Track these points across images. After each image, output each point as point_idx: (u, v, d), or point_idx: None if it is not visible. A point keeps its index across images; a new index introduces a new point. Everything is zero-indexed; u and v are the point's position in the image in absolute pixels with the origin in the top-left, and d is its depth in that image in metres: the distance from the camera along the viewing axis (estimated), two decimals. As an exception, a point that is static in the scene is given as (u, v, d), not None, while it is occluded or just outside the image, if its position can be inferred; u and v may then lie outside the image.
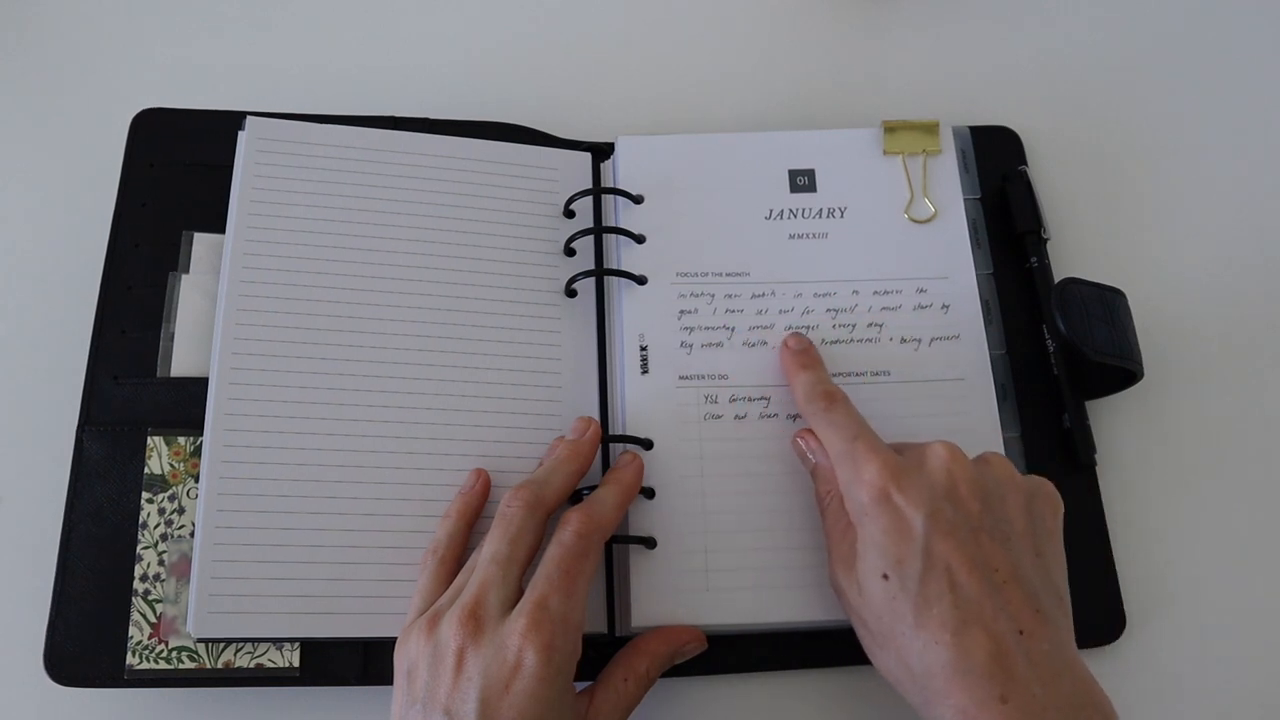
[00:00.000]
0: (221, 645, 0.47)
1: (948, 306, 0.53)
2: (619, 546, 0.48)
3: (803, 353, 0.49)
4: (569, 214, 0.55)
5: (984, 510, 0.41)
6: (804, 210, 0.54)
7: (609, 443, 0.50)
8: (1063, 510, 0.44)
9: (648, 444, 0.49)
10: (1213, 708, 0.49)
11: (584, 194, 0.54)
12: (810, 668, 0.49)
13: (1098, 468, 0.52)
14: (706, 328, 0.52)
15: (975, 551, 0.40)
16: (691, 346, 0.51)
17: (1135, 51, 0.64)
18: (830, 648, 0.48)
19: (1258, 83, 0.63)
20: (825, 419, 0.46)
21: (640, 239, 0.53)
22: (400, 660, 0.42)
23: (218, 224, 0.52)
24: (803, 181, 0.55)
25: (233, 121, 0.54)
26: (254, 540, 0.47)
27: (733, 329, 0.52)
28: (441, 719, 0.39)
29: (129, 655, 0.46)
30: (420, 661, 0.41)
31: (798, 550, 0.48)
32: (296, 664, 0.47)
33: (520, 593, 0.41)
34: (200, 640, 0.46)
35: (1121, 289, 0.53)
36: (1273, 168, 0.61)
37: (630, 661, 0.45)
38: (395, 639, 0.44)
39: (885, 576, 0.40)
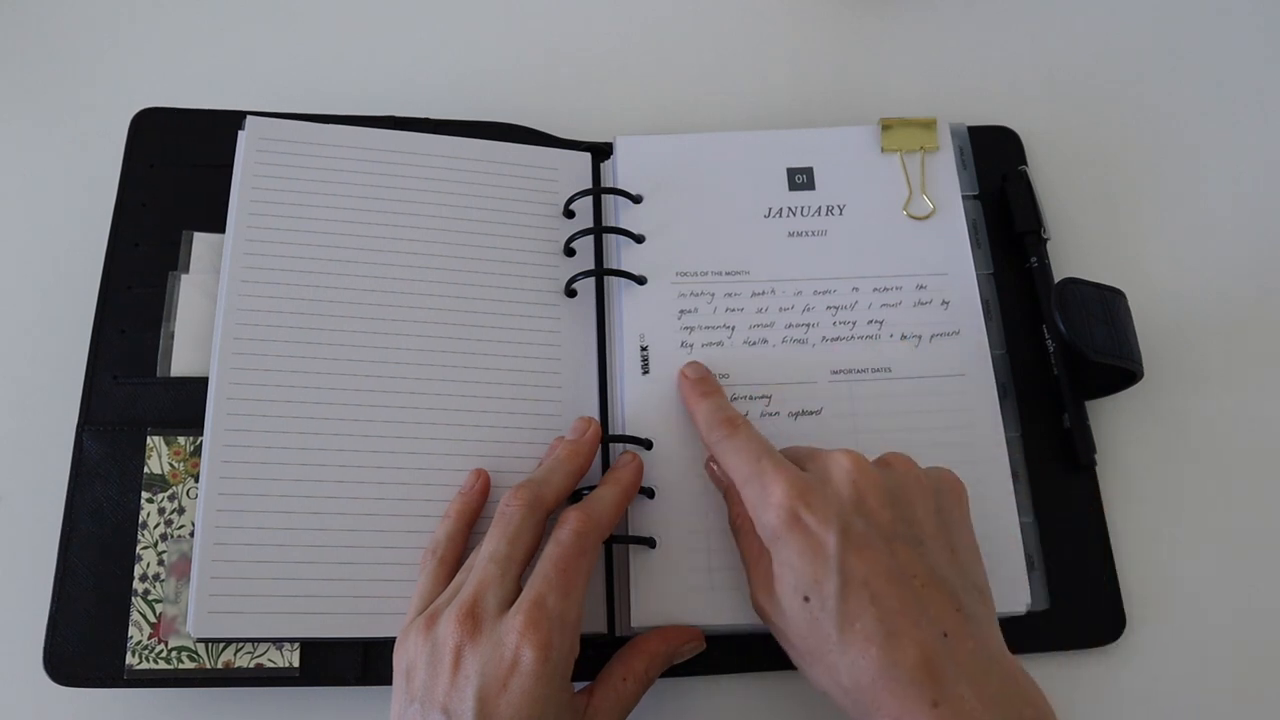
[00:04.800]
0: (221, 645, 0.47)
1: (948, 302, 0.53)
2: (619, 546, 0.48)
3: (701, 381, 0.49)
4: (569, 214, 0.55)
5: (895, 517, 0.41)
6: (803, 208, 0.54)
7: (609, 443, 0.50)
8: (968, 496, 0.44)
9: (648, 444, 0.49)
10: (1213, 708, 0.49)
11: (584, 194, 0.54)
12: (810, 667, 0.49)
13: (1098, 468, 0.52)
14: (707, 327, 0.52)
15: (891, 562, 0.39)
16: (692, 346, 0.51)
17: (1135, 52, 0.64)
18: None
19: (1257, 83, 0.63)
20: (728, 445, 0.45)
21: (640, 239, 0.53)
22: (399, 659, 0.42)
23: (218, 224, 0.52)
24: (801, 180, 0.55)
25: (233, 121, 0.54)
26: (254, 540, 0.47)
27: (733, 328, 0.52)
28: (440, 717, 0.39)
29: (129, 655, 0.46)
30: (419, 660, 0.41)
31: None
32: (296, 664, 0.47)
33: (519, 592, 0.41)
34: (200, 640, 0.46)
35: (1121, 289, 0.53)
36: (1272, 168, 0.61)
37: (629, 661, 0.45)
38: (395, 639, 0.44)
39: (806, 599, 0.40)
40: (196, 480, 0.49)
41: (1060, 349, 0.53)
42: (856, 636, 0.38)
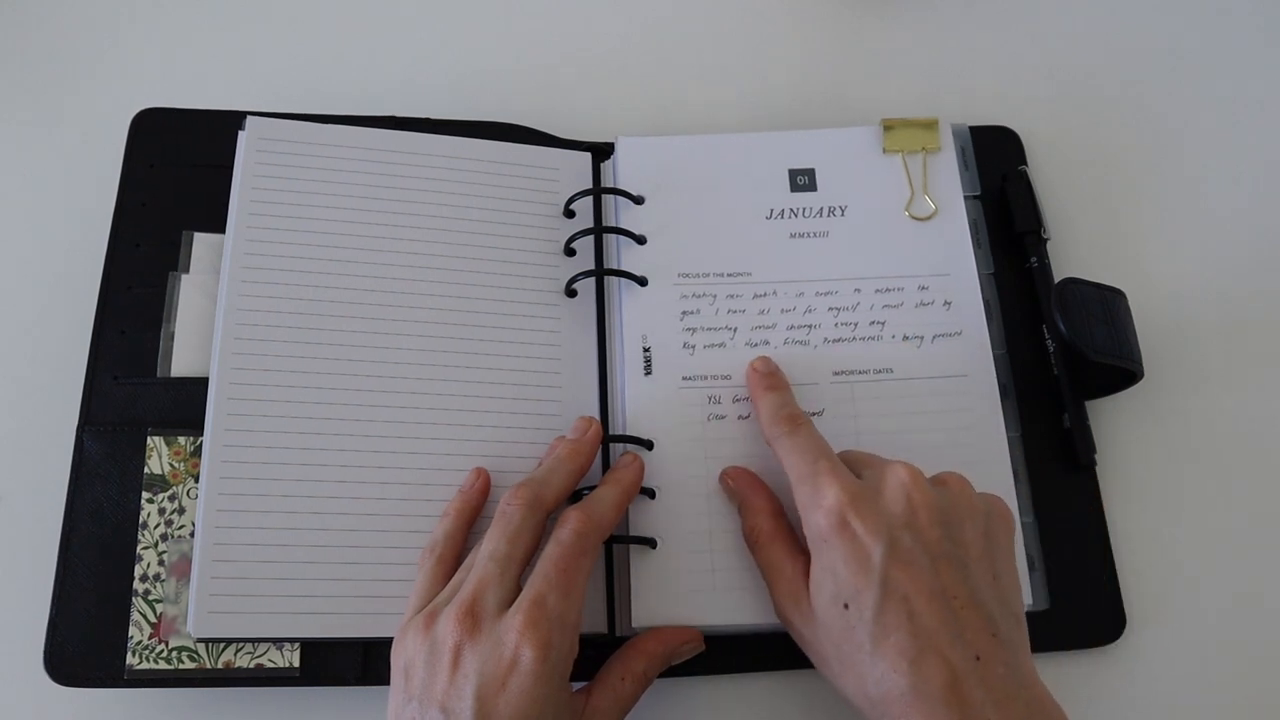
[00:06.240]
0: (221, 645, 0.47)
1: (949, 303, 0.53)
2: (619, 546, 0.48)
3: (770, 375, 0.49)
4: (569, 214, 0.55)
5: (943, 537, 0.41)
6: (805, 209, 0.54)
7: (609, 443, 0.50)
8: (1016, 527, 0.44)
9: (649, 444, 0.49)
10: (1213, 708, 0.49)
11: (584, 194, 0.54)
12: (810, 667, 0.49)
13: (1098, 468, 0.52)
14: (709, 328, 0.52)
15: (933, 580, 0.40)
16: (694, 347, 0.51)
17: (1135, 52, 0.64)
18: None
19: (1257, 83, 0.63)
20: (789, 442, 0.45)
21: (641, 240, 0.53)
22: (397, 657, 0.42)
23: (218, 224, 0.52)
24: (803, 181, 0.55)
25: (233, 121, 0.54)
26: (254, 540, 0.47)
27: (735, 329, 0.52)
28: (438, 716, 0.39)
29: (129, 655, 0.46)
30: (417, 658, 0.41)
31: (800, 550, 0.48)
32: (296, 664, 0.47)
33: (518, 591, 0.41)
34: (200, 640, 0.46)
35: (1121, 289, 0.53)
36: (1272, 168, 0.61)
37: (628, 661, 0.45)
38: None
39: (845, 606, 0.40)
40: (197, 480, 0.49)
41: (1060, 349, 0.53)
42: (890, 650, 0.39)
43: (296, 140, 0.53)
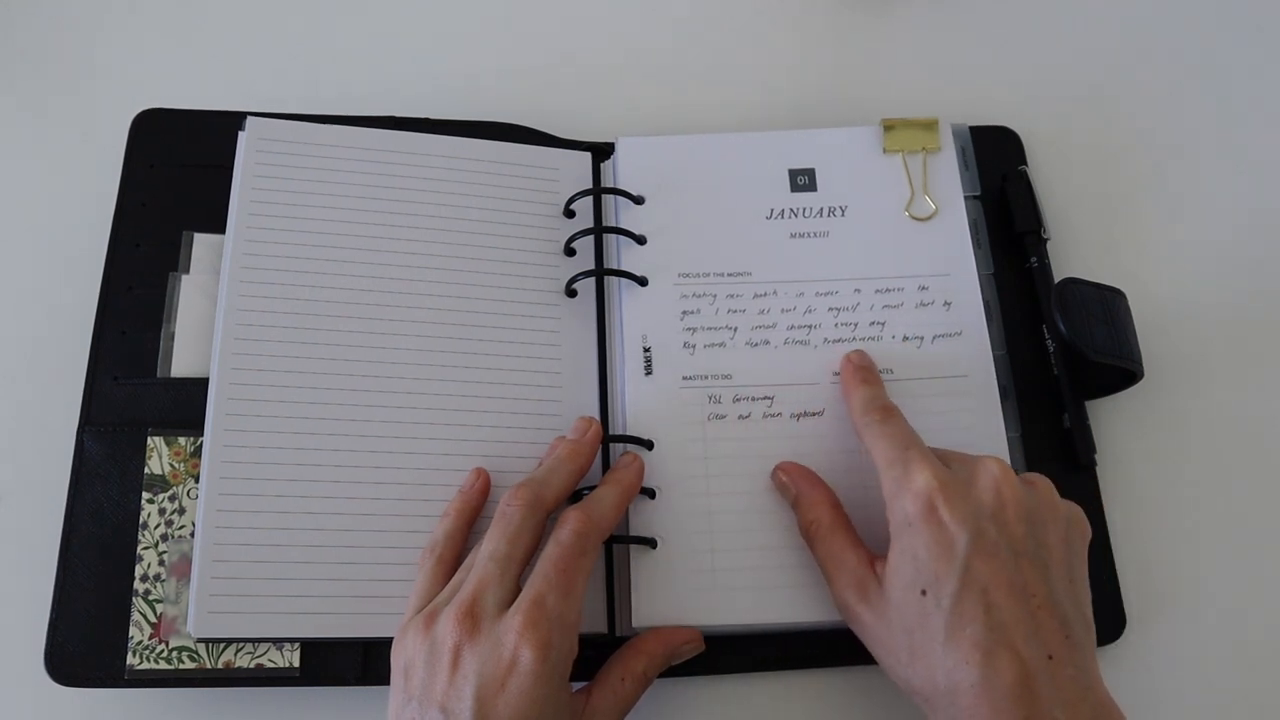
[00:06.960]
0: (221, 645, 0.47)
1: (950, 303, 0.53)
2: (619, 546, 0.48)
3: (864, 369, 0.50)
4: (569, 214, 0.55)
5: (1027, 534, 0.41)
6: (805, 209, 0.54)
7: (609, 443, 0.50)
8: (1090, 537, 0.44)
9: (649, 444, 0.49)
10: (1213, 708, 0.49)
11: (584, 194, 0.54)
12: (811, 668, 0.49)
13: (1098, 468, 0.52)
14: (709, 328, 0.52)
15: (1014, 575, 0.40)
16: (694, 347, 0.51)
17: (1135, 52, 0.64)
18: (831, 648, 0.48)
19: (1258, 83, 0.63)
20: (879, 429, 0.45)
21: (641, 240, 0.53)
22: (397, 657, 0.42)
23: (218, 224, 0.52)
24: (803, 181, 0.55)
25: (233, 121, 0.54)
26: (254, 540, 0.47)
27: (735, 329, 0.52)
28: (438, 716, 0.39)
29: (129, 655, 0.46)
30: (417, 658, 0.41)
31: (803, 550, 0.48)
32: (296, 664, 0.47)
33: (518, 591, 0.41)
34: (200, 640, 0.46)
35: (1121, 289, 0.53)
36: (1273, 168, 0.61)
37: (627, 661, 0.45)
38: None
39: (924, 592, 0.40)
40: (197, 480, 0.49)
41: (1060, 349, 0.53)
42: (964, 641, 0.39)
43: (296, 141, 0.53)
